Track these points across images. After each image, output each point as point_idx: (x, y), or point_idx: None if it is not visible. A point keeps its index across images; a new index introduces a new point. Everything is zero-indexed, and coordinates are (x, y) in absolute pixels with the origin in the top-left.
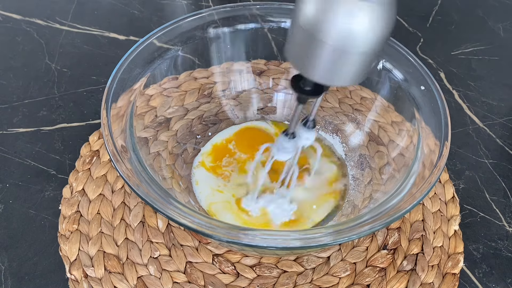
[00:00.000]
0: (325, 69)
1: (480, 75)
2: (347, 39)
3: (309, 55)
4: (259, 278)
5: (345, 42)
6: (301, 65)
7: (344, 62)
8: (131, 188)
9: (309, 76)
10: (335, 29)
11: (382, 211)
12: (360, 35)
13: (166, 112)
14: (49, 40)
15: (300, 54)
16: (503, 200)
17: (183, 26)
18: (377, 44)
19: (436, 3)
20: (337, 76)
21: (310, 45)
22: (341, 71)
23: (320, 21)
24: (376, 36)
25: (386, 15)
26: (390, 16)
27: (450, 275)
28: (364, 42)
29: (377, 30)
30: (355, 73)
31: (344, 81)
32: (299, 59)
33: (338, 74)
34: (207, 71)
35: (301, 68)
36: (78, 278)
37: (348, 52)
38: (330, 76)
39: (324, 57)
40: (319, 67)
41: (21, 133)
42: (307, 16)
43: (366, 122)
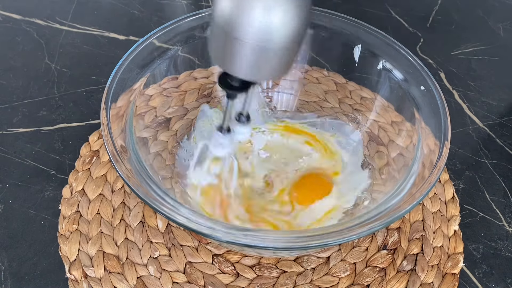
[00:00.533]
0: (247, 66)
1: (480, 75)
2: (263, 35)
3: (230, 53)
4: (258, 278)
5: (262, 39)
6: (224, 63)
7: (264, 58)
8: (131, 188)
9: (233, 73)
10: (251, 26)
11: (382, 211)
12: (276, 30)
13: (166, 112)
14: (49, 40)
15: (222, 53)
16: (503, 200)
17: (183, 26)
18: (294, 38)
19: (436, 3)
20: (259, 71)
21: (230, 44)
22: (263, 66)
23: (236, 20)
24: (292, 30)
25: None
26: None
27: (450, 275)
28: (280, 37)
29: (292, 24)
30: (277, 67)
31: (267, 76)
32: (222, 57)
33: (261, 70)
34: (207, 71)
35: (225, 66)
36: (77, 278)
37: (267, 48)
38: (253, 72)
39: (244, 55)
40: (241, 64)
41: (21, 133)
42: (223, 15)
43: (366, 122)
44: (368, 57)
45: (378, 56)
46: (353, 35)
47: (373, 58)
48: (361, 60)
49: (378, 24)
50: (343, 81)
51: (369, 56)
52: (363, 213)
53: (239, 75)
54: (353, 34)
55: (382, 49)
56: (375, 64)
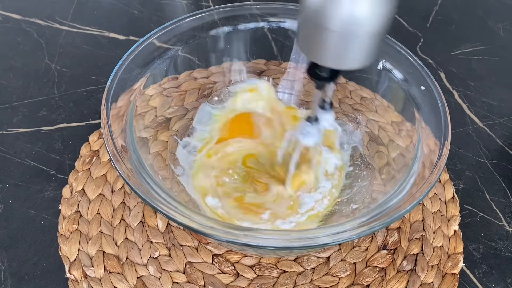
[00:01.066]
0: (336, 55)
1: (480, 75)
2: (351, 23)
3: (319, 43)
4: (258, 278)
5: (350, 27)
6: (313, 54)
7: (351, 45)
8: (131, 188)
9: (322, 62)
10: (338, 15)
11: (382, 211)
12: (363, 18)
13: (166, 112)
14: (49, 40)
15: (311, 43)
16: (503, 200)
17: (183, 26)
18: (382, 24)
19: (436, 3)
20: (347, 60)
21: (318, 34)
22: (350, 54)
23: (324, 9)
24: (380, 17)
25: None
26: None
27: (450, 275)
28: (368, 24)
29: (380, 11)
30: (364, 55)
31: (355, 64)
32: (310, 48)
33: (349, 58)
34: (207, 71)
35: (314, 56)
36: (77, 278)
37: (354, 35)
38: (341, 61)
39: (333, 44)
40: (329, 53)
41: (21, 133)
42: (312, 5)
43: (366, 122)
44: None
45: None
46: None
47: None
48: None
49: None
50: (343, 81)
51: None
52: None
53: (328, 65)
54: None
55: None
56: (375, 64)
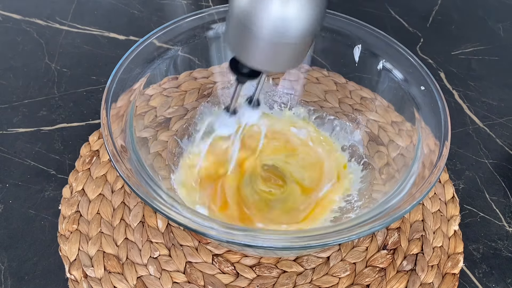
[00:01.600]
0: (260, 56)
1: (480, 75)
2: (279, 28)
3: (244, 43)
4: (258, 278)
5: (277, 32)
6: (237, 51)
7: (278, 50)
8: (131, 188)
9: (245, 61)
10: (267, 19)
11: (382, 211)
12: (292, 24)
13: (166, 112)
14: (49, 40)
15: (237, 41)
16: (503, 200)
17: (183, 26)
18: (309, 31)
19: (436, 3)
20: (272, 62)
21: (245, 34)
22: (276, 58)
23: (253, 12)
24: (308, 24)
25: (314, 3)
26: (318, 4)
27: (450, 275)
28: (296, 31)
29: (308, 18)
30: (289, 60)
31: (279, 67)
32: (236, 45)
33: (273, 61)
34: (207, 71)
35: (238, 54)
36: (77, 278)
37: (281, 41)
38: (265, 63)
39: (258, 46)
40: (254, 54)
41: (21, 133)
42: (240, 5)
43: (366, 122)
44: (368, 57)
45: (378, 56)
46: (353, 35)
47: (373, 58)
48: (361, 60)
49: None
50: (343, 81)
51: (369, 56)
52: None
53: (251, 64)
54: (353, 34)
55: (382, 49)
56: (375, 64)
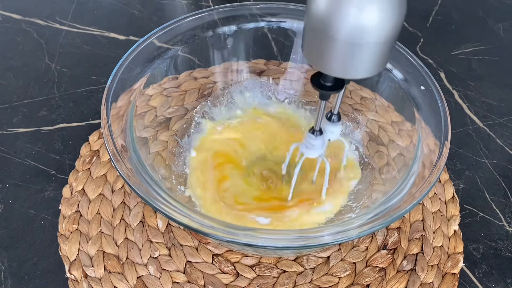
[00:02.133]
0: (342, 64)
1: (480, 75)
2: (359, 33)
3: (324, 51)
4: (258, 278)
5: (357, 36)
6: (318, 62)
7: (359, 55)
8: (131, 188)
9: (328, 72)
10: (345, 24)
11: (382, 211)
12: (371, 27)
13: (166, 112)
14: (49, 40)
15: (316, 52)
16: (503, 200)
17: (183, 26)
18: (389, 33)
19: (436, 3)
20: (354, 69)
21: (324, 42)
22: (358, 63)
23: (330, 18)
24: (387, 26)
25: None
26: (399, 3)
27: (450, 275)
28: (376, 34)
29: (388, 20)
30: (372, 64)
31: (362, 73)
32: (316, 56)
33: (355, 67)
34: (207, 71)
35: (319, 65)
36: (78, 278)
37: (361, 45)
38: (348, 69)
39: (339, 52)
40: (336, 62)
41: (21, 133)
42: (318, 13)
43: (366, 122)
44: None
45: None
46: None
47: None
48: None
49: None
50: None
51: None
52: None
53: (334, 74)
54: None
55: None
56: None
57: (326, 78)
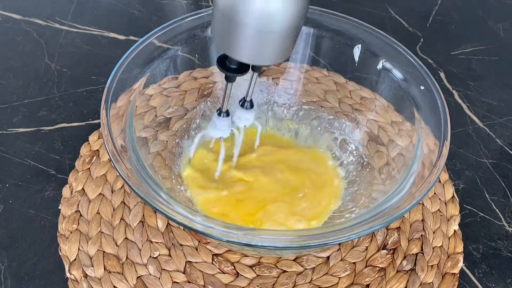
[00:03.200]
0: (248, 49)
1: (480, 75)
2: (265, 19)
3: (231, 36)
4: (258, 278)
5: (263, 22)
6: (224, 45)
7: (265, 41)
8: (131, 188)
9: (234, 55)
10: (252, 9)
11: (382, 210)
12: (277, 14)
13: (166, 112)
14: (49, 40)
15: (223, 35)
16: (503, 200)
17: (183, 26)
18: (295, 21)
19: (436, 3)
20: (260, 55)
21: (231, 27)
22: (264, 50)
23: (238, 3)
24: (293, 14)
25: None
26: None
27: (450, 275)
28: (282, 21)
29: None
30: (277, 51)
31: (267, 59)
32: (222, 39)
33: (261, 53)
34: (207, 71)
35: (225, 48)
36: (77, 278)
37: (268, 31)
38: (254, 55)
39: (245, 38)
40: (242, 47)
41: (20, 133)
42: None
43: (366, 122)
44: (368, 57)
45: (378, 56)
46: (353, 35)
47: (373, 58)
48: (361, 60)
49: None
50: (343, 81)
51: (369, 56)
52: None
53: (239, 58)
54: (353, 34)
55: (382, 49)
56: (375, 64)
57: (232, 60)
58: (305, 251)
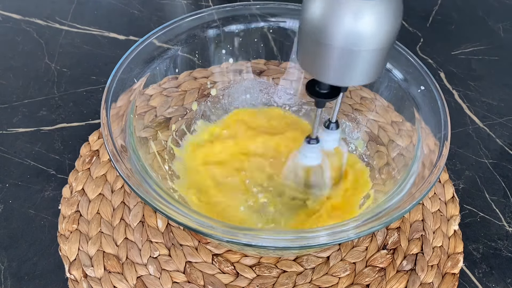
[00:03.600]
0: (337, 71)
1: (480, 75)
2: (354, 40)
3: (320, 59)
4: (258, 278)
5: (352, 44)
6: (313, 70)
7: (354, 62)
8: (131, 188)
9: (323, 79)
10: (341, 32)
11: (382, 211)
12: (366, 34)
13: (166, 111)
14: (49, 40)
15: (311, 59)
16: (503, 200)
17: (183, 26)
18: (385, 40)
19: (436, 3)
20: (350, 76)
21: (319, 50)
22: (353, 71)
23: (325, 26)
24: (383, 33)
25: (391, 10)
26: (395, 10)
27: (450, 275)
28: (371, 41)
29: (383, 27)
30: (368, 71)
31: (358, 80)
32: (311, 64)
33: (351, 74)
34: (207, 71)
35: (314, 73)
36: (77, 278)
37: (357, 52)
38: (344, 77)
39: (334, 60)
40: (331, 69)
41: (20, 133)
42: (312, 21)
43: (366, 122)
44: None
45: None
46: None
47: None
48: None
49: None
50: None
51: None
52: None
53: (329, 81)
54: None
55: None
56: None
57: (321, 85)
58: (305, 251)
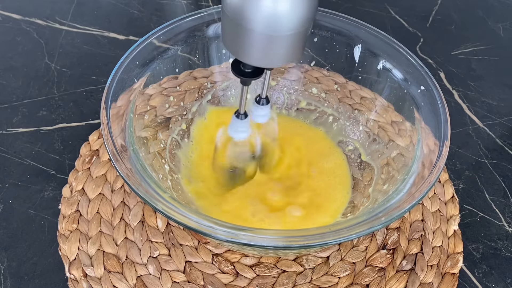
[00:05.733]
0: (259, 53)
1: (480, 75)
2: (272, 24)
3: (241, 41)
4: (258, 277)
5: (271, 27)
6: (236, 51)
7: (274, 45)
8: (131, 188)
9: (245, 60)
10: (259, 15)
11: (382, 210)
12: (284, 18)
13: (166, 111)
14: (49, 40)
15: (234, 41)
16: (503, 200)
17: (182, 26)
18: (303, 23)
19: (436, 3)
20: (271, 58)
21: (240, 33)
22: (273, 53)
23: (244, 10)
24: (301, 17)
25: None
26: None
27: (449, 275)
28: (290, 25)
29: (301, 11)
30: (287, 53)
31: (278, 61)
32: (233, 45)
33: (272, 56)
34: (207, 71)
35: (237, 54)
36: (77, 277)
37: (276, 35)
38: (265, 58)
39: (254, 43)
40: (252, 51)
41: (20, 133)
42: (232, 5)
43: (366, 122)
44: (368, 57)
45: (378, 56)
46: (353, 35)
47: (373, 58)
48: (361, 60)
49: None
50: (343, 81)
51: (369, 56)
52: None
53: (251, 62)
54: (353, 34)
55: (382, 49)
56: (375, 64)
57: (246, 65)
58: (305, 251)
